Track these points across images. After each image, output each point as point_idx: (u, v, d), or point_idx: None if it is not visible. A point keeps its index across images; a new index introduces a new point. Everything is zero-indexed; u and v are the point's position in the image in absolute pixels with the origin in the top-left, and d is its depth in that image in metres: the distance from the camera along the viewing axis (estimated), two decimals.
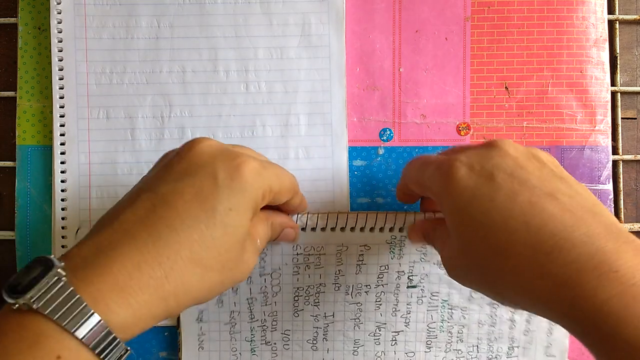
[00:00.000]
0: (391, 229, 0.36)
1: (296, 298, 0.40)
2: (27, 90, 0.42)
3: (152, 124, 0.41)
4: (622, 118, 0.43)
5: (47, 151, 0.42)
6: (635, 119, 0.44)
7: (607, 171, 0.42)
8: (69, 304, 0.22)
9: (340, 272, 0.39)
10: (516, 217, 0.25)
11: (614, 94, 0.43)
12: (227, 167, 0.27)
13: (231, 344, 0.41)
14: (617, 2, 0.43)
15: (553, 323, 0.39)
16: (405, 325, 0.40)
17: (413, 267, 0.39)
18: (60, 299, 0.22)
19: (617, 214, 0.43)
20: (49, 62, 0.41)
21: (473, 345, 0.40)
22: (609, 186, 0.42)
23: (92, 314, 0.22)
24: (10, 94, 0.42)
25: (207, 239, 0.26)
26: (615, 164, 0.43)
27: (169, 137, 0.41)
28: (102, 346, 0.23)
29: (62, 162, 0.41)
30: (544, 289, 0.24)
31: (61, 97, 0.41)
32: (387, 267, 0.39)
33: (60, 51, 0.41)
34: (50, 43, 0.41)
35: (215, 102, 0.41)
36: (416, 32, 0.42)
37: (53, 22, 0.41)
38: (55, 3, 0.41)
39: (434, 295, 0.40)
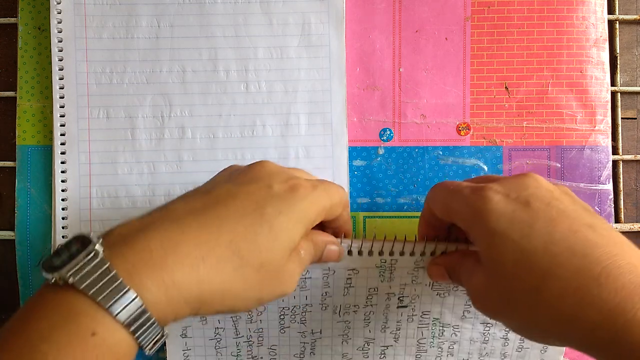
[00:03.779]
0: (380, 253, 0.35)
1: (282, 317, 0.39)
2: (27, 90, 0.42)
3: (152, 123, 0.41)
4: (622, 118, 0.43)
5: (47, 151, 0.42)
6: (635, 119, 0.44)
7: (607, 171, 0.42)
8: (105, 279, 0.22)
9: (327, 294, 0.37)
10: (558, 242, 0.25)
11: (614, 94, 0.43)
12: (282, 183, 0.28)
13: (217, 359, 0.40)
14: (617, 2, 0.43)
15: None
16: (395, 341, 0.39)
17: (404, 288, 0.37)
18: (96, 274, 0.22)
19: (617, 214, 0.43)
20: (49, 62, 0.41)
21: None
22: (609, 186, 0.42)
23: (128, 290, 0.22)
24: (10, 94, 0.42)
25: (249, 233, 0.26)
26: (615, 164, 0.43)
27: (169, 137, 0.41)
28: (137, 324, 0.22)
29: (62, 162, 0.41)
30: (590, 315, 0.23)
31: (61, 97, 0.41)
32: (376, 289, 0.37)
33: (60, 51, 0.41)
34: (50, 43, 0.41)
35: (215, 102, 0.41)
36: (416, 32, 0.42)
37: (53, 22, 0.41)
38: (55, 3, 0.41)
39: (424, 314, 0.38)
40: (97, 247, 0.23)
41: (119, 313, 0.22)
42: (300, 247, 0.30)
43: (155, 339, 0.23)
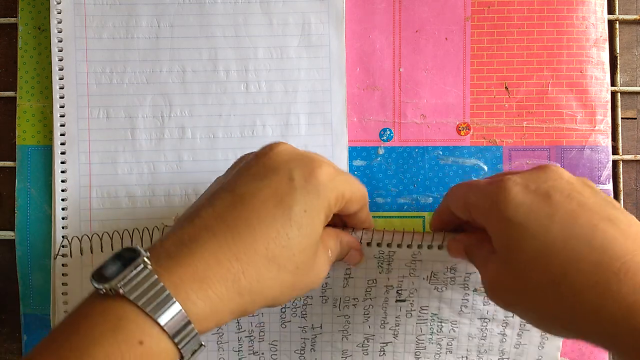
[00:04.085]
0: (379, 244, 0.35)
1: (283, 310, 0.39)
2: (27, 90, 0.42)
3: (152, 123, 0.41)
4: (622, 118, 0.43)
5: (47, 151, 0.42)
6: (635, 119, 0.44)
7: (607, 171, 0.42)
8: (153, 291, 0.23)
9: (327, 285, 0.38)
10: (578, 236, 0.25)
11: (614, 94, 0.43)
12: (302, 169, 0.28)
13: (219, 354, 0.40)
14: (617, 2, 0.43)
15: (545, 337, 0.39)
16: (394, 337, 0.40)
17: (402, 281, 0.38)
18: (145, 286, 0.23)
19: None
20: (49, 62, 0.41)
21: (462, 357, 0.40)
22: (609, 186, 0.42)
23: (174, 302, 0.23)
24: (10, 94, 0.42)
25: (282, 237, 0.26)
26: (615, 164, 0.43)
27: (169, 137, 0.41)
28: (180, 335, 0.23)
29: (62, 162, 0.41)
30: (611, 310, 0.23)
31: (61, 97, 0.41)
32: (375, 281, 0.38)
33: (60, 51, 0.41)
34: (50, 43, 0.41)
35: (215, 101, 0.41)
36: (416, 32, 0.42)
37: (53, 22, 0.41)
38: (55, 3, 0.41)
39: (423, 309, 0.39)
40: (146, 259, 0.24)
41: (166, 324, 0.23)
42: (328, 245, 0.31)
43: (194, 349, 0.24)
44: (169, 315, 0.23)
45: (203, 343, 0.25)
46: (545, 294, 0.26)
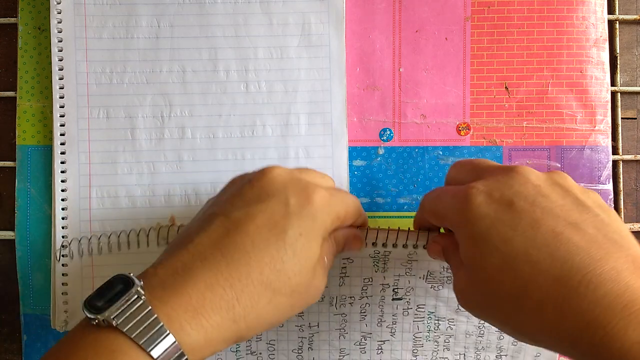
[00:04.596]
0: (374, 244, 0.35)
1: None
2: (27, 90, 0.42)
3: (152, 123, 0.41)
4: (622, 118, 0.43)
5: (47, 151, 0.42)
6: (635, 119, 0.44)
7: (607, 171, 0.42)
8: (147, 323, 0.23)
9: None
10: (539, 247, 0.24)
11: (614, 94, 0.43)
12: (298, 195, 0.28)
13: (216, 355, 0.40)
14: (617, 2, 0.43)
15: None
16: (391, 335, 0.40)
17: (398, 280, 0.38)
18: (139, 317, 0.23)
19: (617, 214, 0.43)
20: (49, 62, 0.41)
21: (460, 354, 0.40)
22: (609, 186, 0.42)
23: (168, 334, 0.23)
24: (10, 94, 0.42)
25: (277, 262, 0.26)
26: (615, 164, 0.43)
27: (169, 137, 0.41)
28: None
29: (62, 162, 0.41)
30: (569, 326, 0.23)
31: (61, 97, 0.41)
32: (370, 279, 0.38)
33: (60, 51, 0.41)
34: (50, 43, 0.41)
35: (215, 102, 0.41)
36: (416, 32, 0.42)
37: (53, 22, 0.41)
38: (55, 3, 0.41)
39: (419, 307, 0.39)
40: (139, 289, 0.24)
41: (159, 357, 0.23)
42: (324, 253, 0.30)
43: None
44: (162, 348, 0.23)
45: None
46: (508, 308, 0.25)
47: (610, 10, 0.43)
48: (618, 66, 0.43)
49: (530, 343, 0.26)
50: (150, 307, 0.23)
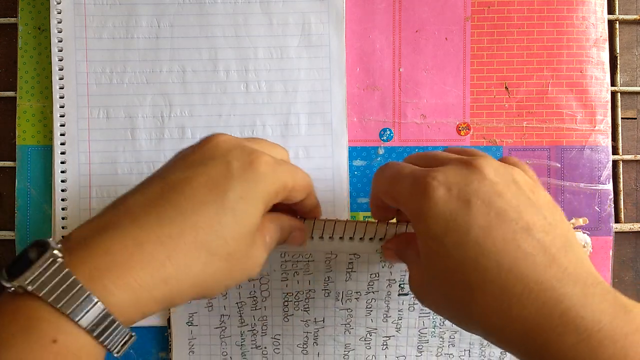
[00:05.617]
0: (382, 239, 0.35)
1: (286, 303, 0.39)
2: (27, 90, 0.42)
3: (152, 123, 0.41)
4: (622, 118, 0.43)
5: (47, 151, 0.42)
6: (635, 119, 0.44)
7: (607, 171, 0.42)
8: (64, 285, 0.22)
9: (329, 279, 0.38)
10: (488, 254, 0.25)
11: (614, 94, 0.43)
12: (241, 159, 0.27)
13: (221, 348, 0.40)
14: (617, 2, 0.43)
15: None
16: (397, 331, 0.40)
17: (404, 275, 0.38)
18: (56, 280, 0.22)
19: (617, 214, 0.43)
20: (49, 62, 0.41)
21: (465, 350, 0.40)
22: (609, 186, 0.42)
23: (89, 295, 0.22)
24: (10, 94, 0.42)
25: (214, 224, 0.25)
26: (615, 164, 0.43)
27: (169, 137, 0.41)
28: (100, 328, 0.22)
29: (62, 162, 0.41)
30: (513, 332, 0.24)
31: (61, 97, 0.41)
32: (377, 274, 0.38)
33: (60, 51, 0.41)
34: (50, 43, 0.41)
35: (215, 102, 0.41)
36: (416, 32, 0.42)
37: (53, 22, 0.41)
38: (55, 3, 0.41)
39: None
40: (56, 252, 0.23)
41: (80, 319, 0.22)
42: (266, 231, 0.29)
43: (124, 341, 0.23)
44: (83, 309, 0.22)
45: (133, 334, 0.24)
46: (458, 310, 0.26)
47: (610, 10, 0.43)
48: (618, 66, 0.43)
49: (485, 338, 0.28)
50: (67, 269, 0.22)
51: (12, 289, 0.22)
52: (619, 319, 0.23)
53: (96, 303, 0.22)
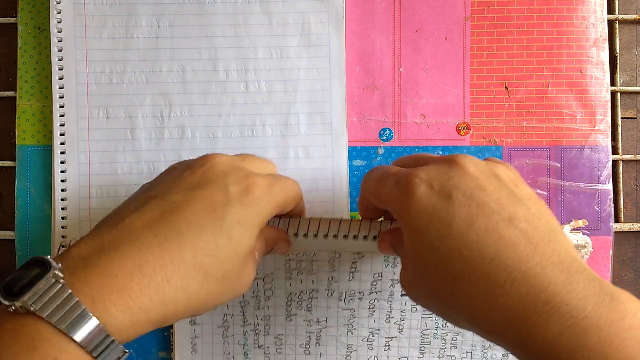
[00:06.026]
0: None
1: (289, 303, 0.39)
2: (27, 90, 0.42)
3: (152, 123, 0.41)
4: (622, 118, 0.43)
5: (47, 151, 0.42)
6: (635, 119, 0.44)
7: (607, 171, 0.42)
8: (67, 307, 0.22)
9: (333, 279, 0.38)
10: (471, 245, 0.25)
11: (614, 94, 0.43)
12: (239, 184, 0.28)
13: (224, 348, 0.40)
14: (617, 2, 0.43)
15: None
16: (399, 332, 0.40)
17: None
18: (58, 301, 0.22)
19: (617, 214, 0.43)
20: (49, 62, 0.41)
21: (467, 352, 0.40)
22: (609, 186, 0.42)
23: (91, 317, 0.22)
24: (10, 94, 0.42)
25: (212, 247, 0.26)
26: (615, 164, 0.43)
27: (169, 137, 0.41)
28: (100, 349, 0.23)
29: (62, 162, 0.41)
30: (497, 321, 0.24)
31: (61, 97, 0.41)
32: (381, 274, 0.38)
33: (60, 51, 0.41)
34: (50, 43, 0.41)
35: (215, 102, 0.41)
36: (416, 32, 0.42)
37: (53, 22, 0.41)
38: (55, 3, 0.41)
39: None
40: (57, 272, 0.23)
41: (82, 340, 0.22)
42: (256, 249, 0.30)
43: (117, 357, 0.24)
44: (85, 331, 0.22)
45: (127, 351, 0.24)
46: (444, 303, 0.27)
47: (610, 10, 0.43)
48: (618, 66, 0.43)
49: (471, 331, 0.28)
50: (70, 291, 0.22)
51: (13, 308, 0.22)
52: (604, 306, 0.23)
53: (97, 325, 0.22)
